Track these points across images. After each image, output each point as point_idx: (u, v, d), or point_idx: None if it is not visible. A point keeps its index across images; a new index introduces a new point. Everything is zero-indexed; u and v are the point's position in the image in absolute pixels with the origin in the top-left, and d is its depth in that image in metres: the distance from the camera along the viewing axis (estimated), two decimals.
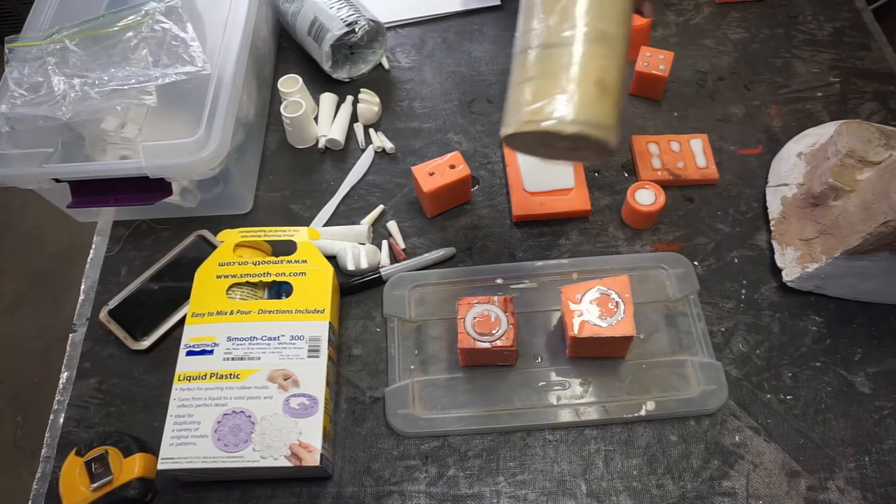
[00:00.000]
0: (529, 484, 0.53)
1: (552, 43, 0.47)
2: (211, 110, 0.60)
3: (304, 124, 0.71)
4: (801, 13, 0.80)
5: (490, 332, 0.54)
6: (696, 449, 0.54)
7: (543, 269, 0.62)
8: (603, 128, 0.46)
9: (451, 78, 0.77)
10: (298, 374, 0.53)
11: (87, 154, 0.62)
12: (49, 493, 0.55)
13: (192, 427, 0.51)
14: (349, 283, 0.62)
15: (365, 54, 0.78)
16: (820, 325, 0.59)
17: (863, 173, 0.57)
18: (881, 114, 0.71)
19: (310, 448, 0.50)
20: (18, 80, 0.61)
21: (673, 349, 0.58)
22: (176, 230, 0.67)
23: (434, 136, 0.73)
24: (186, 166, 0.58)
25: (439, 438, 0.55)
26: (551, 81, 0.46)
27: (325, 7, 0.72)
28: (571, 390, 0.56)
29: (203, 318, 0.56)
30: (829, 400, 0.56)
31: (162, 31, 0.63)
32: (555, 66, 0.46)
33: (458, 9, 0.82)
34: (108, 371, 0.60)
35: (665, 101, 0.74)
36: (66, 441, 0.57)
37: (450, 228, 0.66)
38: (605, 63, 0.46)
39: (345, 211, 0.68)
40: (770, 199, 0.65)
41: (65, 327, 0.67)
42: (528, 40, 0.48)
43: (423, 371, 0.58)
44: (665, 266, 0.62)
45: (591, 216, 0.66)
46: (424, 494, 0.53)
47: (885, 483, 0.52)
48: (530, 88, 0.47)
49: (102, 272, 0.65)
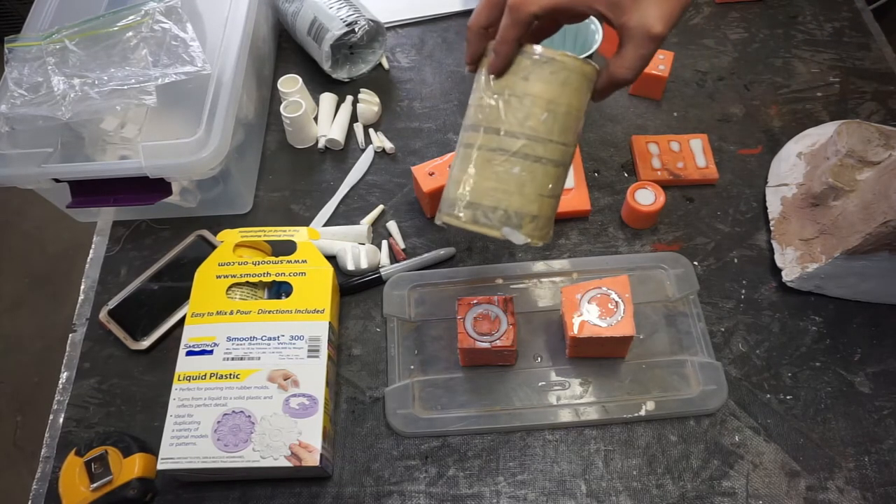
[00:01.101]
0: (529, 484, 0.53)
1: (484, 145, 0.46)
2: (211, 110, 0.60)
3: (304, 124, 0.71)
4: (801, 13, 0.80)
5: (490, 332, 0.54)
6: (696, 449, 0.54)
7: (543, 269, 0.62)
8: (493, 223, 0.45)
9: (451, 78, 0.77)
10: (298, 374, 0.53)
11: (86, 154, 0.62)
12: (49, 493, 0.55)
13: (191, 427, 0.51)
14: (349, 283, 0.62)
15: (365, 54, 0.78)
16: (820, 325, 0.59)
17: (862, 173, 0.57)
18: (881, 114, 0.71)
19: (310, 448, 0.50)
20: (18, 80, 0.61)
21: (673, 349, 0.58)
22: (176, 230, 0.67)
23: (434, 136, 0.73)
24: (186, 166, 0.58)
25: (439, 438, 0.55)
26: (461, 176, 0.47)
27: (324, 7, 0.72)
28: (571, 390, 0.56)
29: (203, 318, 0.56)
30: (828, 400, 0.56)
31: (162, 30, 0.63)
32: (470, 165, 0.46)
33: (458, 9, 0.82)
34: (108, 371, 0.60)
35: (665, 101, 0.74)
36: (66, 441, 0.57)
37: (450, 228, 0.66)
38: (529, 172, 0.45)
39: (345, 211, 0.68)
40: (770, 199, 0.65)
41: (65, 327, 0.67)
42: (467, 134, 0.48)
43: (422, 371, 0.58)
44: (665, 266, 0.62)
45: (591, 216, 0.66)
46: (424, 494, 0.53)
47: (885, 483, 0.52)
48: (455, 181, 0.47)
49: (102, 272, 0.65)
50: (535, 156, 0.45)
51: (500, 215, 0.45)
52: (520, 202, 0.45)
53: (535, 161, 0.45)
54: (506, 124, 0.45)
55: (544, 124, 0.45)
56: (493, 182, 0.45)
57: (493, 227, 0.46)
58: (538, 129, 0.45)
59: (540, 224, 0.47)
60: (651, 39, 0.43)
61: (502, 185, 0.45)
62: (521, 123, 0.45)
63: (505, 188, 0.45)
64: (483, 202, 0.46)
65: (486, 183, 0.46)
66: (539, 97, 0.44)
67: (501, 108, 0.45)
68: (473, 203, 0.46)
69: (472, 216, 0.46)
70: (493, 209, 0.45)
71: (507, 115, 0.45)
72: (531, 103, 0.44)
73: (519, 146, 0.45)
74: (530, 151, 0.45)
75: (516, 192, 0.45)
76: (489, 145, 0.45)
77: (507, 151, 0.45)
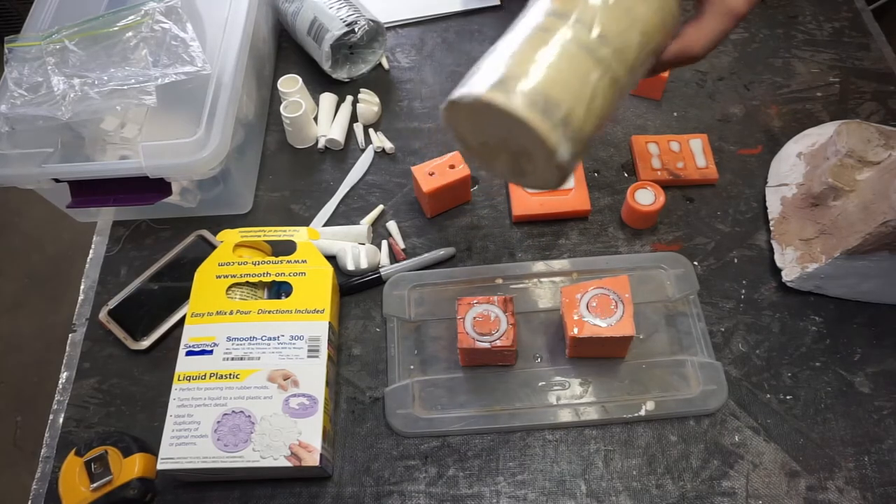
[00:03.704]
0: (529, 484, 0.53)
1: (548, 26, 0.40)
2: (211, 110, 0.60)
3: (304, 124, 0.71)
4: (801, 13, 0.80)
5: (490, 332, 0.54)
6: (696, 449, 0.54)
7: (543, 269, 0.62)
8: (553, 122, 0.38)
9: (451, 78, 0.77)
10: (298, 374, 0.53)
11: (86, 154, 0.62)
12: (49, 494, 0.55)
13: (191, 427, 0.51)
14: (349, 283, 0.62)
15: (365, 54, 0.78)
16: (820, 325, 0.59)
17: (862, 173, 0.57)
18: (881, 114, 0.71)
19: (309, 448, 0.50)
20: (18, 80, 0.61)
21: (673, 349, 0.58)
22: (176, 230, 0.67)
23: (434, 136, 0.73)
24: (186, 166, 0.58)
25: (439, 438, 0.55)
26: (523, 58, 0.39)
27: (324, 7, 0.72)
28: (571, 390, 0.56)
29: (203, 318, 0.56)
30: (828, 400, 0.56)
31: (162, 31, 0.63)
32: (537, 48, 0.40)
33: (458, 9, 0.82)
34: (108, 371, 0.60)
35: (665, 101, 0.74)
36: (66, 441, 0.57)
37: (449, 228, 0.66)
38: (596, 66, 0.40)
39: (345, 211, 0.68)
40: (770, 199, 0.65)
41: (64, 327, 0.67)
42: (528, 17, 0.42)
43: (422, 371, 0.58)
44: (665, 266, 0.62)
45: (591, 216, 0.66)
46: (424, 494, 0.53)
47: (885, 483, 0.52)
48: (498, 60, 0.40)
49: (102, 272, 0.65)
50: (613, 75, 0.40)
51: (561, 117, 0.38)
52: (584, 113, 0.39)
53: (613, 79, 0.40)
54: (602, 28, 0.39)
55: (636, 49, 0.41)
56: (567, 76, 0.39)
57: (551, 126, 0.38)
58: (629, 49, 0.40)
59: (579, 151, 0.41)
60: (733, 17, 0.44)
61: (576, 86, 0.39)
62: (620, 35, 0.40)
63: (578, 91, 0.39)
64: (551, 93, 0.38)
65: (558, 75, 0.38)
66: (638, 20, 0.41)
67: (601, 9, 0.40)
68: (537, 90, 0.38)
69: (531, 102, 0.38)
70: (557, 105, 0.38)
71: (608, 20, 0.40)
72: (630, 22, 0.40)
73: (608, 55, 0.39)
74: (615, 67, 0.40)
75: (586, 101, 0.39)
76: (577, 38, 0.39)
77: (593, 54, 0.39)
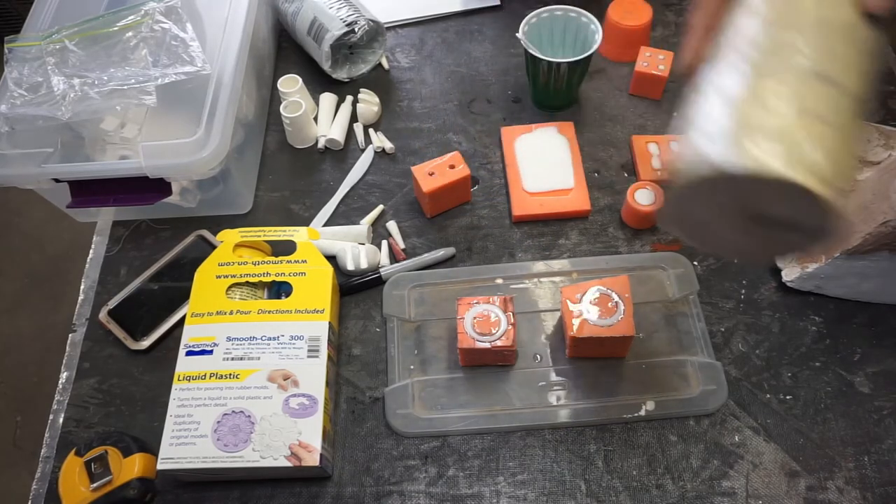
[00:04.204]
0: (529, 484, 0.53)
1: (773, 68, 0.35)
2: (211, 110, 0.60)
3: (304, 124, 0.71)
4: None
5: (490, 332, 0.54)
6: (696, 449, 0.54)
7: (543, 269, 0.62)
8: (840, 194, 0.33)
9: (450, 78, 0.77)
10: (298, 374, 0.53)
11: (86, 154, 0.62)
12: (49, 494, 0.55)
13: (191, 427, 0.51)
14: (349, 283, 0.62)
15: (365, 54, 0.78)
16: (819, 325, 0.59)
17: (862, 173, 0.57)
18: (881, 114, 0.71)
19: (309, 448, 0.50)
20: (18, 80, 0.61)
21: (673, 349, 0.58)
22: (176, 230, 0.67)
23: (434, 136, 0.73)
24: (186, 166, 0.58)
25: (439, 438, 0.55)
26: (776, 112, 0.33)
27: (324, 7, 0.73)
28: (571, 390, 0.56)
29: (203, 318, 0.56)
30: (828, 400, 0.56)
31: (161, 31, 0.63)
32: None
33: (458, 9, 0.82)
34: (108, 371, 0.60)
35: (665, 100, 0.74)
36: (66, 441, 0.57)
37: (449, 228, 0.66)
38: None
39: (344, 211, 0.68)
40: None
41: (64, 327, 0.67)
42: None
43: (422, 371, 0.58)
44: (665, 266, 0.62)
45: (591, 216, 0.66)
46: (424, 494, 0.53)
47: (885, 483, 0.52)
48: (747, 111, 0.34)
49: (102, 272, 0.65)
50: (853, 108, 0.35)
51: (818, 162, 0.32)
52: (844, 154, 0.34)
53: (854, 111, 0.35)
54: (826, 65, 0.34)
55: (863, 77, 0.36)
56: (812, 115, 0.33)
57: (813, 178, 0.32)
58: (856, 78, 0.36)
59: (844, 198, 0.34)
60: None
61: (828, 127, 0.33)
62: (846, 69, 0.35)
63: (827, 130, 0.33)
64: (799, 139, 0.33)
65: (802, 119, 0.33)
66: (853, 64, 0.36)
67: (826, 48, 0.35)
68: (787, 136, 0.33)
69: (788, 154, 0.32)
70: (813, 149, 0.33)
71: (832, 58, 0.35)
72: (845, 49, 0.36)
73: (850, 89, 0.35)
74: (852, 97, 0.35)
75: (844, 139, 0.34)
76: (815, 69, 0.34)
77: (839, 87, 0.34)
